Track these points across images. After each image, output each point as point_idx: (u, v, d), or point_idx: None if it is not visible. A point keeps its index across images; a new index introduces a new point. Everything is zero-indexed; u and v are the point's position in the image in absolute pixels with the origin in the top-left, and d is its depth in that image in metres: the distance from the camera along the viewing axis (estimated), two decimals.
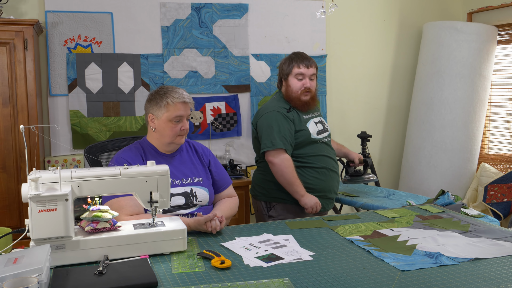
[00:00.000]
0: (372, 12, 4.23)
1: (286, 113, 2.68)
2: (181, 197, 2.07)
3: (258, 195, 2.80)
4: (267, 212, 2.74)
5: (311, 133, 2.69)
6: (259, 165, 2.84)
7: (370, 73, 4.28)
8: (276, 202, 2.72)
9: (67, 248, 1.53)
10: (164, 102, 2.06)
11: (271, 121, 2.65)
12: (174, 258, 1.61)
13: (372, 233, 1.86)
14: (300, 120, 2.70)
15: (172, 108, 2.05)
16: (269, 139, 2.61)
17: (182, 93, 2.10)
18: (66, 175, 1.58)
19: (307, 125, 2.70)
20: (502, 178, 3.82)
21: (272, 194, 2.72)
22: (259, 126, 2.72)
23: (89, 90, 3.45)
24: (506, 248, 1.68)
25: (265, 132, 2.64)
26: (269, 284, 1.38)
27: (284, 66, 2.76)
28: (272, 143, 2.60)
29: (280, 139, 2.60)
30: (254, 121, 2.80)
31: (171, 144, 2.11)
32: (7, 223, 2.84)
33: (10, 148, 2.93)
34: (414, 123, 4.19)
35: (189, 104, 2.10)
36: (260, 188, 2.79)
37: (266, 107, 2.75)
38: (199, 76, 3.71)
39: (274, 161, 2.60)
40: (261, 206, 2.78)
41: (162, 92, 2.09)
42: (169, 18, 3.61)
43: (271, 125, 2.63)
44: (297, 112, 2.71)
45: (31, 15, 3.31)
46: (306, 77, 2.69)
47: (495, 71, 4.18)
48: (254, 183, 2.86)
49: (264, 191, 2.76)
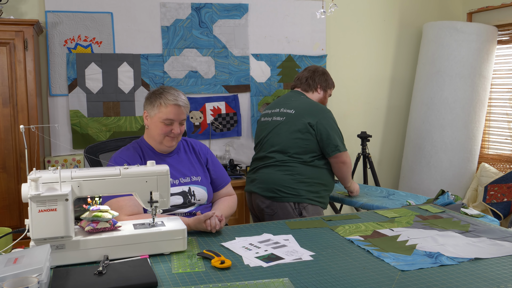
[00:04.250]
0: (372, 12, 4.23)
1: None
2: (179, 196, 2.07)
3: (285, 197, 2.67)
4: (298, 214, 2.67)
5: None
6: (286, 165, 2.69)
7: (370, 73, 4.28)
8: (306, 203, 2.68)
9: (67, 248, 1.53)
10: (157, 102, 2.06)
11: (335, 121, 2.78)
12: (174, 258, 1.61)
13: (372, 233, 1.86)
14: None
15: (163, 110, 2.04)
16: (340, 140, 2.74)
17: (178, 96, 2.08)
18: (66, 175, 1.58)
19: None
20: (502, 178, 3.82)
21: (303, 195, 2.67)
22: (325, 126, 2.69)
23: (89, 90, 3.46)
24: (506, 248, 1.68)
25: (337, 134, 2.75)
26: (269, 284, 1.38)
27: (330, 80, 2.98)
28: (343, 144, 2.76)
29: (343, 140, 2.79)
30: (312, 120, 2.69)
31: (161, 145, 2.10)
32: (7, 223, 2.84)
33: (10, 148, 2.93)
34: (414, 123, 4.19)
35: (182, 108, 2.07)
36: (288, 189, 2.67)
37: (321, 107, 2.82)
38: (199, 76, 3.71)
39: (347, 160, 2.75)
40: (290, 207, 2.68)
41: (159, 92, 2.09)
42: (169, 18, 3.62)
43: (336, 126, 2.76)
44: None
45: (31, 15, 3.31)
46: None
47: (495, 71, 4.18)
48: (277, 184, 2.69)
49: (294, 192, 2.66)
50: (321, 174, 2.75)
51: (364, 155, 3.87)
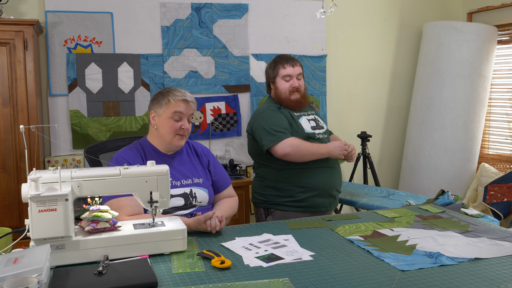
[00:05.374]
0: (372, 12, 4.23)
1: (278, 109, 2.69)
2: (180, 198, 2.07)
3: (257, 202, 2.77)
4: (265, 219, 2.72)
5: (304, 128, 2.65)
6: (256, 171, 2.81)
7: (370, 73, 4.28)
8: (274, 209, 2.69)
9: (67, 248, 1.53)
10: (165, 100, 2.09)
11: (267, 118, 2.63)
12: (174, 258, 1.61)
13: (372, 233, 1.86)
14: (292, 117, 2.68)
15: (173, 105, 2.08)
16: (270, 134, 2.56)
17: (185, 93, 2.14)
18: (66, 175, 1.58)
19: (299, 121, 2.68)
20: (502, 178, 3.82)
21: (271, 200, 2.69)
22: (254, 129, 2.68)
23: (89, 90, 3.45)
24: (506, 248, 1.68)
25: (263, 130, 2.60)
26: (269, 284, 1.38)
27: (270, 70, 2.78)
28: (275, 136, 2.54)
29: (280, 130, 2.56)
30: (248, 127, 2.74)
31: (171, 144, 2.11)
32: (7, 223, 2.84)
33: (10, 148, 2.93)
34: (414, 123, 4.19)
35: (190, 104, 2.12)
36: (258, 195, 2.75)
37: (258, 109, 2.77)
38: (199, 76, 3.71)
39: (286, 150, 2.51)
40: (260, 212, 2.76)
41: (165, 91, 2.14)
42: (169, 18, 3.61)
43: (267, 121, 2.61)
44: (288, 111, 2.70)
45: (31, 15, 3.31)
46: (293, 77, 2.71)
47: (495, 71, 4.17)
48: (253, 191, 2.83)
49: (263, 198, 2.72)
50: (289, 176, 2.62)
51: (364, 155, 3.87)
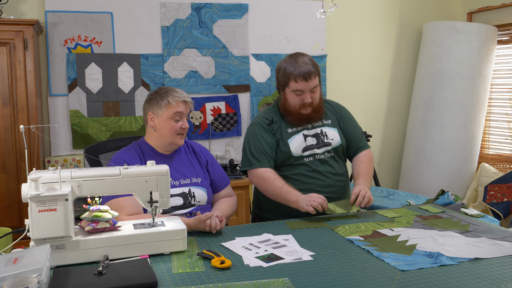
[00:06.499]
0: (372, 12, 4.23)
1: (267, 126, 2.31)
2: (179, 197, 2.07)
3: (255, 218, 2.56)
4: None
5: (292, 151, 2.27)
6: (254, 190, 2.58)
7: (370, 73, 4.28)
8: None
9: (67, 248, 1.53)
10: (165, 101, 2.09)
11: (252, 136, 2.32)
12: (174, 258, 1.61)
13: (372, 233, 1.86)
14: (282, 135, 2.29)
15: (173, 106, 2.08)
16: (246, 157, 2.30)
17: (182, 93, 2.14)
18: (66, 175, 1.58)
19: (290, 140, 2.28)
20: (502, 178, 3.82)
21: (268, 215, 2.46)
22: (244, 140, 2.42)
23: (89, 90, 3.45)
24: (506, 248, 1.68)
25: (244, 150, 2.33)
26: (269, 284, 1.38)
27: (279, 75, 2.29)
28: (250, 161, 2.27)
29: (257, 157, 2.25)
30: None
31: (171, 144, 2.12)
32: (7, 223, 2.84)
33: (10, 148, 2.93)
34: (414, 123, 4.19)
35: (189, 104, 2.14)
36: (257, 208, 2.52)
37: (254, 118, 2.43)
38: (199, 76, 3.71)
39: (253, 180, 2.28)
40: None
41: (163, 92, 2.13)
42: (169, 18, 3.61)
43: (251, 140, 2.30)
44: (282, 127, 2.31)
45: (31, 15, 3.31)
46: (306, 92, 2.23)
47: (495, 71, 4.18)
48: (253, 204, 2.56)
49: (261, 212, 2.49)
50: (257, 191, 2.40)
51: None
